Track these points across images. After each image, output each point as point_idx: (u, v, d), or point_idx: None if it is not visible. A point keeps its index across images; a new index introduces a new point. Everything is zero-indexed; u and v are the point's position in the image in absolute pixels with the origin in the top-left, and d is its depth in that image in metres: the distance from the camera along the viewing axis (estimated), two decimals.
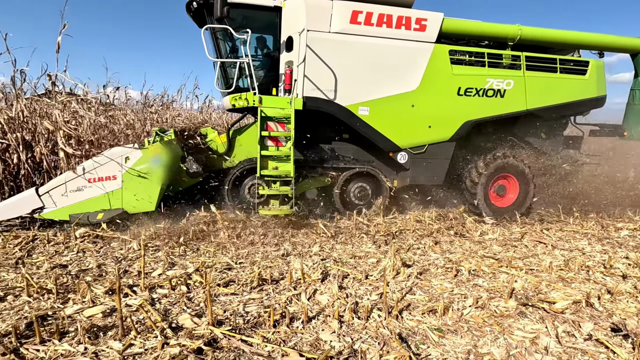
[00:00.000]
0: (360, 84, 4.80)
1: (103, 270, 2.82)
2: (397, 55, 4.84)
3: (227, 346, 1.87)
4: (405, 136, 5.05)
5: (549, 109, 5.34)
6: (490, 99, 5.14)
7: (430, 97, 4.98)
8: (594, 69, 5.43)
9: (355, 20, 4.71)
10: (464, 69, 5.07)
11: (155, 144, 4.26)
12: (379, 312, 2.26)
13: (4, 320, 2.03)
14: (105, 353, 1.77)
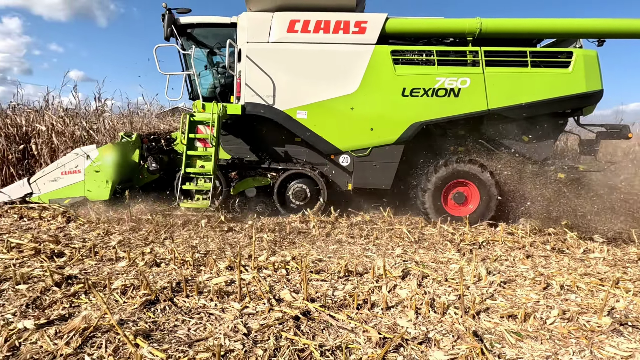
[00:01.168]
0: (298, 89, 4.92)
1: (222, 252, 3.52)
2: (335, 59, 4.86)
3: (318, 318, 2.26)
4: (346, 139, 4.99)
5: (518, 108, 4.73)
6: (441, 99, 4.78)
7: (371, 99, 4.85)
8: (581, 61, 4.64)
9: (292, 29, 4.87)
10: (409, 68, 4.85)
11: (107, 145, 5.20)
12: (456, 310, 2.40)
13: (161, 279, 2.78)
14: (229, 309, 2.33)
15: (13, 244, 3.39)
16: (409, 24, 4.91)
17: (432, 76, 4.78)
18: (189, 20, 5.17)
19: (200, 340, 1.98)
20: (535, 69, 4.75)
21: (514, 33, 4.92)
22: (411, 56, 4.97)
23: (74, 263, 3.05)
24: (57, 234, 3.85)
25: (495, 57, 4.75)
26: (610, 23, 4.83)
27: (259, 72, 4.92)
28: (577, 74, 4.67)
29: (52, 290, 2.51)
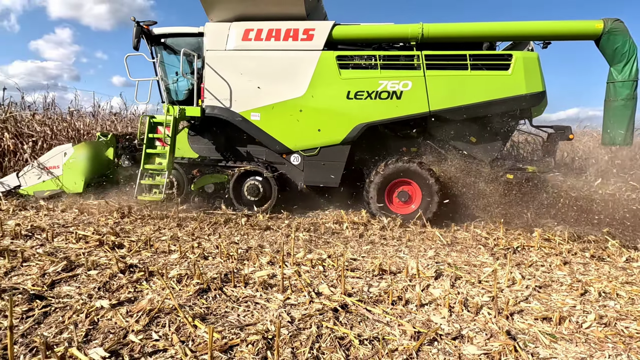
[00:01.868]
0: (252, 93, 5.31)
1: (262, 248, 3.76)
2: (284, 64, 5.19)
3: (355, 311, 2.42)
4: (295, 139, 5.32)
5: (459, 109, 4.90)
6: (384, 101, 5.00)
7: (318, 102, 5.15)
8: (521, 63, 4.75)
9: (246, 37, 5.25)
10: (353, 72, 5.10)
11: (81, 143, 5.85)
12: (489, 311, 2.47)
13: (210, 270, 3.05)
14: (273, 299, 2.55)
15: (80, 236, 3.81)
16: (354, 31, 5.17)
17: (376, 79, 5.02)
18: (162, 31, 5.63)
19: (249, 324, 2.20)
20: (475, 72, 4.88)
21: (455, 37, 5.07)
22: (357, 61, 5.21)
23: (133, 254, 3.40)
24: (114, 227, 4.25)
25: (436, 61, 4.95)
26: (549, 25, 4.93)
27: (217, 77, 5.36)
28: (517, 76, 4.78)
29: (118, 276, 2.83)
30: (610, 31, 4.81)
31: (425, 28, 4.95)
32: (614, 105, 4.92)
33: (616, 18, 4.87)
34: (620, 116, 4.90)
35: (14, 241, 3.60)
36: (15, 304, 2.32)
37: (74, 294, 2.53)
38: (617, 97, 4.89)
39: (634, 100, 4.82)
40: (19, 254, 3.13)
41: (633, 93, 4.82)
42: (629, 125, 4.88)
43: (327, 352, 1.96)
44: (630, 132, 4.92)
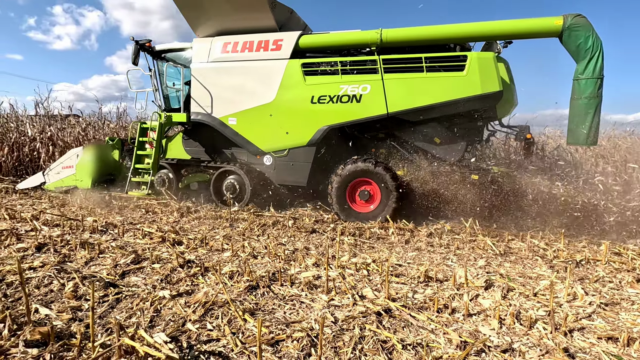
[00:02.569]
0: (229, 100, 5.89)
1: (308, 250, 3.87)
2: (256, 73, 5.69)
3: (399, 316, 2.41)
4: (267, 141, 5.80)
5: (416, 111, 5.03)
6: (345, 105, 5.25)
7: (286, 107, 5.57)
8: (475, 64, 4.78)
9: (225, 50, 5.84)
10: (317, 78, 5.41)
11: (89, 147, 6.76)
12: (545, 325, 2.32)
13: (259, 269, 3.21)
14: (317, 299, 2.62)
15: (145, 232, 4.20)
16: (318, 39, 5.53)
17: (337, 84, 5.31)
18: (163, 47, 6.46)
19: (295, 322, 2.30)
20: (430, 74, 4.99)
21: (413, 41, 5.20)
22: (324, 67, 5.51)
23: (191, 250, 3.68)
24: (174, 226, 4.63)
25: (392, 64, 5.12)
26: (507, 24, 4.90)
27: (200, 86, 6.02)
28: (472, 77, 4.81)
29: (177, 270, 3.10)
30: (571, 27, 4.70)
31: (384, 33, 5.17)
32: (578, 104, 4.80)
33: (577, 14, 4.73)
34: (583, 115, 4.76)
35: (92, 235, 4.08)
36: (94, 290, 2.64)
37: (140, 284, 2.82)
38: (580, 95, 4.77)
39: (598, 99, 4.69)
40: (96, 247, 3.55)
41: (597, 91, 4.68)
42: (591, 124, 4.74)
43: (370, 353, 1.98)
44: (594, 132, 4.78)
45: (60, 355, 1.82)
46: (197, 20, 5.95)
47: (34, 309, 2.30)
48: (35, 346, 1.88)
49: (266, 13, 5.53)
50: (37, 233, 3.97)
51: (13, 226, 4.20)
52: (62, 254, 3.36)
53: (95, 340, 1.93)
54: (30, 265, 3.04)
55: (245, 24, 5.74)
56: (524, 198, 4.83)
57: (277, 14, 5.66)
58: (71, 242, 3.65)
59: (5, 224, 4.30)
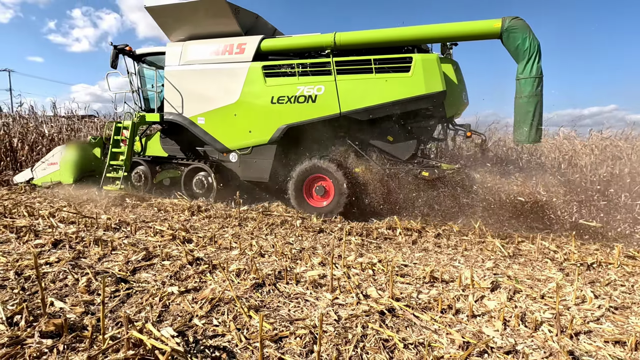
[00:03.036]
0: (198, 100, 6.22)
1: (315, 249, 3.90)
2: (222, 75, 6.00)
3: (402, 316, 2.43)
4: (232, 140, 6.12)
5: (365, 110, 5.26)
6: (302, 105, 5.53)
7: (248, 107, 5.89)
8: (420, 65, 5.02)
9: (194, 54, 6.17)
10: (276, 80, 5.70)
11: (72, 145, 7.25)
12: (550, 328, 2.30)
13: (266, 267, 3.26)
14: (322, 298, 2.65)
15: (157, 230, 4.31)
16: (278, 43, 5.85)
17: (294, 85, 5.58)
18: (143, 51, 6.86)
19: (299, 319, 2.33)
20: (379, 75, 5.22)
21: (363, 43, 5.46)
22: (283, 69, 5.77)
23: (200, 248, 3.76)
24: (185, 224, 4.73)
25: (344, 66, 5.37)
26: (450, 27, 5.13)
27: (172, 88, 6.38)
28: (417, 77, 5.03)
29: (186, 267, 3.17)
30: (509, 29, 4.90)
31: (337, 36, 5.42)
32: (519, 103, 5.03)
33: (515, 16, 4.93)
34: (524, 113, 5.00)
35: (105, 232, 4.20)
36: (106, 285, 2.73)
37: (150, 280, 2.90)
38: (521, 94, 4.99)
39: (537, 97, 4.91)
40: (109, 244, 3.66)
41: (535, 90, 4.90)
42: (532, 122, 4.97)
43: (371, 352, 2.00)
44: (535, 130, 5.00)
45: (73, 346, 1.90)
46: (170, 26, 6.40)
47: (50, 302, 2.40)
48: (49, 337, 1.97)
49: (230, 19, 5.92)
50: (54, 230, 4.11)
51: (31, 223, 4.36)
52: (77, 250, 3.47)
53: (106, 332, 2.01)
54: (46, 260, 3.16)
55: (213, 29, 6.14)
56: (471, 194, 5.10)
57: (241, 20, 6.03)
58: (85, 239, 3.77)
59: (24, 221, 4.47)
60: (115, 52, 6.52)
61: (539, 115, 4.97)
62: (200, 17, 6.08)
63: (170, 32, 6.50)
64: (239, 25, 5.99)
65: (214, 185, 6.18)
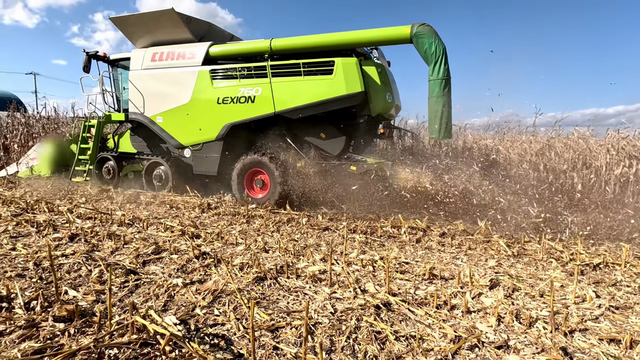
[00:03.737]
0: (157, 101, 6.90)
1: (318, 246, 3.98)
2: (177, 78, 6.68)
3: (397, 310, 2.48)
4: (186, 137, 6.80)
5: (296, 110, 5.78)
6: (243, 105, 6.13)
7: (198, 107, 6.55)
8: (341, 68, 5.49)
9: (154, 59, 6.87)
10: (222, 82, 6.34)
11: (49, 142, 8.10)
12: (545, 325, 2.31)
13: (268, 262, 3.36)
14: (320, 291, 2.73)
15: (167, 226, 4.47)
16: (223, 49, 6.44)
17: (236, 87, 6.20)
18: (116, 56, 7.57)
19: (296, 311, 2.42)
20: (307, 77, 5.75)
21: (293, 49, 6.00)
22: (228, 73, 6.34)
23: (207, 244, 3.89)
24: (195, 221, 4.88)
25: (278, 69, 5.92)
26: (367, 33, 5.62)
27: (135, 90, 7.08)
28: (338, 79, 5.51)
29: (193, 261, 3.30)
30: (417, 35, 5.33)
31: (273, 42, 6.01)
32: (430, 102, 5.45)
33: (423, 23, 5.35)
34: (434, 112, 5.43)
35: (119, 227, 4.39)
36: (116, 276, 2.89)
37: (158, 272, 3.04)
38: (431, 94, 5.42)
39: (444, 97, 5.32)
40: (122, 238, 3.83)
41: (442, 91, 5.31)
42: (441, 120, 5.39)
43: (363, 343, 2.07)
44: (444, 127, 5.41)
45: (83, 330, 2.04)
46: (133, 35, 7.12)
47: (64, 291, 2.56)
48: (62, 321, 2.11)
49: (182, 28, 6.62)
50: (71, 225, 4.33)
51: (51, 218, 4.59)
52: (92, 243, 3.66)
53: (113, 318, 2.14)
54: (63, 252, 3.34)
55: (169, 37, 6.87)
56: (393, 187, 5.61)
57: (193, 28, 6.72)
58: (100, 234, 3.96)
59: (44, 215, 4.72)
60: (88, 57, 7.30)
61: (447, 113, 5.38)
62: (156, 27, 6.79)
63: (135, 40, 7.21)
64: (191, 33, 6.69)
65: (170, 178, 6.83)
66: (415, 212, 5.56)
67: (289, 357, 1.90)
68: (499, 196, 5.21)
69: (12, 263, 3.06)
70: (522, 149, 8.17)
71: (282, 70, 5.90)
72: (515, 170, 7.24)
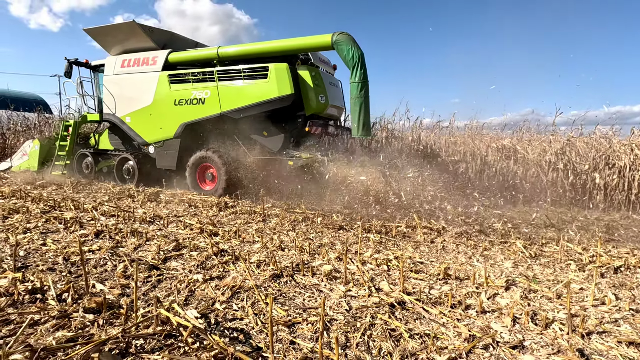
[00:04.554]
0: (126, 103, 7.79)
1: (333, 245, 4.04)
2: (141, 82, 7.50)
3: (412, 309, 2.51)
4: (150, 135, 7.62)
5: (238, 110, 6.52)
6: (195, 106, 6.91)
7: (159, 108, 7.36)
8: (274, 72, 6.17)
9: (123, 64, 7.73)
10: (178, 86, 7.12)
11: (36, 140, 9.17)
12: (561, 326, 2.30)
13: (285, 260, 3.44)
14: (335, 289, 2.78)
15: (187, 224, 4.61)
16: (179, 56, 7.28)
17: (190, 90, 7.00)
18: (97, 62, 8.43)
19: (311, 308, 2.48)
20: (247, 81, 6.51)
21: (237, 55, 6.80)
22: (183, 77, 7.09)
23: (225, 241, 4.00)
24: (212, 219, 5.01)
25: (224, 74, 6.71)
26: (296, 41, 6.35)
27: (108, 92, 7.98)
28: (272, 83, 6.23)
29: (212, 257, 3.41)
30: (336, 42, 5.96)
31: (220, 50, 6.86)
32: (350, 103, 6.09)
33: (342, 32, 5.95)
34: (353, 112, 6.06)
35: (141, 225, 4.56)
36: (139, 272, 3.01)
37: (179, 268, 3.15)
38: (351, 96, 6.01)
39: (360, 99, 5.93)
40: (144, 235, 3.98)
41: (359, 93, 5.93)
42: (359, 120, 6.00)
43: (378, 340, 2.11)
44: (363, 126, 6.01)
45: (110, 321, 2.16)
46: (106, 44, 8.06)
47: (92, 284, 2.70)
48: (91, 312, 2.24)
49: (144, 37, 7.48)
50: (96, 222, 4.52)
51: (77, 215, 4.80)
52: (116, 240, 3.82)
53: (138, 311, 2.25)
54: (89, 248, 3.51)
55: (135, 45, 7.75)
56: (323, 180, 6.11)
57: (155, 38, 7.59)
58: (123, 230, 4.12)
59: (71, 213, 4.93)
60: (69, 64, 8.27)
61: (365, 114, 5.98)
62: (123, 37, 7.69)
63: (108, 49, 8.15)
64: (153, 42, 7.58)
65: (136, 172, 7.80)
66: (351, 206, 5.87)
67: (306, 352, 1.97)
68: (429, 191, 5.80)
69: (43, 257, 3.23)
70: (542, 148, 8.01)
71: (226, 75, 6.67)
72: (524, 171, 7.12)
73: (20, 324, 2.07)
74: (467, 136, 9.34)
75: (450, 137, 9.45)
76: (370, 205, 5.70)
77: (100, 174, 8.51)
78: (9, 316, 2.14)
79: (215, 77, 6.73)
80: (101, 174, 8.51)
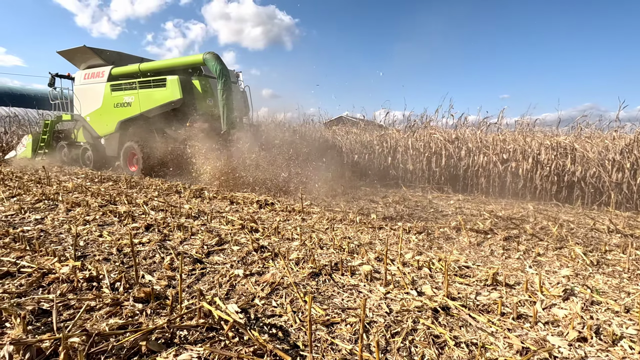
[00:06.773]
0: (87, 106, 10.44)
1: (373, 245, 3.95)
2: (94, 91, 10.12)
3: (457, 315, 2.37)
4: (101, 130, 10.24)
5: (149, 110, 9.07)
6: (126, 108, 9.50)
7: (105, 110, 9.97)
8: (169, 83, 8.71)
9: (85, 77, 10.40)
10: (116, 92, 9.71)
11: (30, 134, 12.16)
12: (631, 344, 2.05)
13: (323, 259, 3.41)
14: (375, 291, 2.71)
15: (229, 220, 4.74)
16: (117, 70, 9.82)
17: (122, 96, 9.57)
18: (74, 75, 10.88)
19: (350, 308, 2.43)
20: (154, 89, 8.95)
21: (150, 69, 9.38)
22: (120, 87, 9.61)
23: (264, 238, 4.06)
24: (253, 216, 5.12)
25: (142, 84, 9.12)
26: (177, 60, 9.05)
27: (76, 98, 10.73)
28: (167, 90, 8.72)
29: (252, 253, 3.47)
30: (205, 60, 8.28)
31: (141, 66, 9.33)
32: (219, 105, 8.27)
33: (210, 52, 8.29)
34: (221, 112, 8.27)
35: (187, 219, 4.76)
36: (184, 264, 3.13)
37: (221, 262, 3.24)
38: (220, 99, 8.22)
39: (223, 101, 8.12)
40: (189, 229, 4.15)
41: (222, 97, 8.13)
42: (224, 117, 8.23)
43: (420, 346, 2.01)
44: (227, 122, 8.20)
45: (157, 311, 2.25)
46: (74, 61, 10.75)
47: (141, 275, 2.85)
48: (140, 302, 2.35)
49: (95, 57, 10.25)
50: (147, 216, 4.79)
51: (130, 209, 5.12)
52: (164, 233, 4.01)
53: (183, 302, 2.33)
54: (140, 240, 3.72)
55: (92, 63, 10.49)
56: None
57: (105, 57, 10.24)
58: (171, 225, 4.32)
59: (124, 207, 5.27)
60: (52, 77, 11.11)
61: (228, 113, 8.17)
62: (82, 57, 10.41)
63: (77, 65, 10.83)
64: (104, 60, 10.26)
65: (92, 158, 10.69)
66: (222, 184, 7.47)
67: (344, 353, 1.92)
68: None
69: (99, 248, 3.48)
70: (604, 146, 7.31)
71: (143, 84, 9.12)
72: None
73: (78, 309, 2.22)
74: (518, 133, 8.75)
75: (499, 134, 8.91)
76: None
77: (72, 160, 11.44)
78: (69, 302, 2.31)
79: (136, 86, 9.22)
80: (73, 160, 11.42)
